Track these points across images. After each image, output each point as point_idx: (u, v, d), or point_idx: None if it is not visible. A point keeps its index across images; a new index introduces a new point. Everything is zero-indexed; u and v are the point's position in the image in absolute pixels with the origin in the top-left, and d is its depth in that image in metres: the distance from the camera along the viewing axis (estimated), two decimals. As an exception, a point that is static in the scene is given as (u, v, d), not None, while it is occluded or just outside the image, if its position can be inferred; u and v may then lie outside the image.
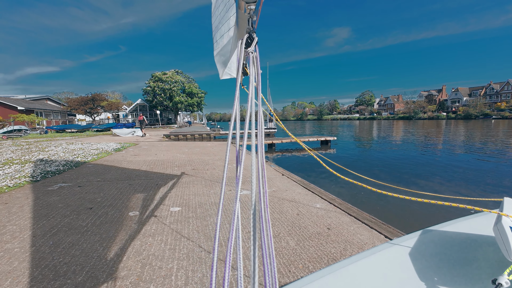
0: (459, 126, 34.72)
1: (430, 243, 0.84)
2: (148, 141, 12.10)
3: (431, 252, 0.80)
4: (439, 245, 0.83)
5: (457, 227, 0.92)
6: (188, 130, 20.52)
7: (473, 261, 0.74)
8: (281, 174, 4.64)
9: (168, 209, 2.67)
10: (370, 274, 0.73)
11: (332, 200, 3.26)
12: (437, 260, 0.76)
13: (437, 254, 0.79)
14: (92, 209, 2.61)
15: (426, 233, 0.91)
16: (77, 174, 4.19)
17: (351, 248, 2.00)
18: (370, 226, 2.45)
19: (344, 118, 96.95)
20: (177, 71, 41.46)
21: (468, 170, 7.38)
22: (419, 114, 71.56)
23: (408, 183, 6.10)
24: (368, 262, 0.77)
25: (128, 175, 4.25)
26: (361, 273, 0.73)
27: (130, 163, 5.42)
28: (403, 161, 9.06)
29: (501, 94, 61.78)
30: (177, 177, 4.17)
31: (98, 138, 13.66)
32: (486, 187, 5.58)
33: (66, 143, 9.51)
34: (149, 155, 6.86)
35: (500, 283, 0.57)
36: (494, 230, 0.72)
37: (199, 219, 2.44)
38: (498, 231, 0.69)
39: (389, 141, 16.49)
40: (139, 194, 3.17)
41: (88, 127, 23.55)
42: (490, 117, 56.84)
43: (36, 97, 37.36)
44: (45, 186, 3.42)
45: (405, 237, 0.91)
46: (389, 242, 0.87)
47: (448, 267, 0.73)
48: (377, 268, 0.75)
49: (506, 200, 0.89)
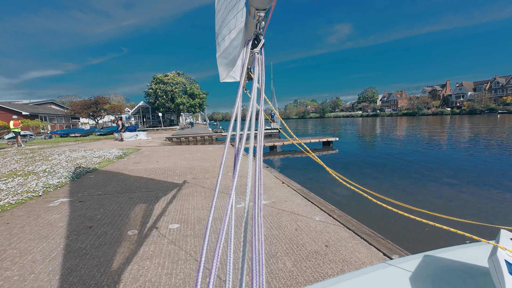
0: (464, 122, 34.27)
1: (426, 268, 0.85)
2: (150, 145, 12.18)
3: (426, 277, 0.80)
4: (434, 271, 0.83)
5: (453, 254, 0.93)
6: (190, 132, 20.61)
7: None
8: (281, 182, 4.63)
9: (166, 226, 2.69)
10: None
11: (332, 211, 3.24)
12: (431, 286, 0.76)
13: (431, 280, 0.79)
14: (92, 228, 2.63)
15: (423, 257, 0.91)
16: (79, 187, 4.24)
17: (348, 268, 1.98)
18: (369, 242, 2.43)
19: (347, 115, 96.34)
20: (179, 73, 41.60)
21: (474, 171, 7.28)
22: (423, 110, 70.80)
23: (410, 187, 6.05)
24: (362, 280, 0.78)
25: (128, 186, 4.28)
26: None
27: (131, 172, 5.46)
28: (407, 162, 8.97)
29: (506, 88, 60.77)
30: (177, 188, 4.19)
31: (101, 143, 13.78)
32: (493, 195, 5.51)
33: (70, 150, 9.61)
34: (151, 162, 6.90)
35: None
36: (489, 261, 0.72)
37: (197, 237, 2.45)
38: (492, 263, 0.70)
39: (392, 140, 16.35)
40: (138, 209, 3.19)
41: (92, 131, 23.77)
42: (496, 111, 55.96)
43: (40, 101, 37.84)
44: (47, 202, 3.46)
45: (401, 259, 0.92)
46: (386, 262, 0.89)
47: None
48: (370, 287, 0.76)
49: (503, 233, 0.90)
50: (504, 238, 0.84)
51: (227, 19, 1.42)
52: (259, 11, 0.74)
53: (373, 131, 25.60)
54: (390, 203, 2.34)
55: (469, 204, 4.75)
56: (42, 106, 35.81)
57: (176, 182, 4.59)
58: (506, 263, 0.68)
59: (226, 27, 1.48)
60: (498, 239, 0.82)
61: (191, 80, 43.02)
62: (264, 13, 0.75)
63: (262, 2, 0.70)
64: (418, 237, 3.59)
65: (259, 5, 0.71)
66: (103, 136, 20.78)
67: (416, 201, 5.15)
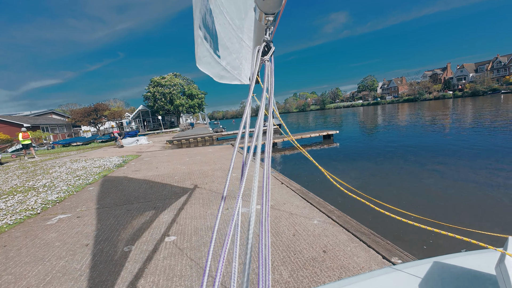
0: (466, 104, 33.76)
1: (432, 275, 0.83)
2: (150, 150, 12.20)
3: (431, 284, 0.79)
4: (440, 278, 0.82)
5: (460, 261, 0.90)
6: (191, 133, 20.61)
7: None
8: (280, 183, 4.58)
9: (163, 239, 2.66)
10: None
11: (331, 212, 3.19)
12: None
13: (436, 287, 0.78)
14: (88, 245, 2.62)
15: (428, 263, 0.90)
16: (77, 201, 4.24)
17: (346, 276, 1.94)
18: (368, 244, 2.38)
19: (348, 105, 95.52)
20: (176, 74, 41.49)
21: (479, 158, 7.16)
22: (424, 95, 69.88)
23: (413, 182, 5.96)
24: (366, 285, 0.77)
25: (127, 197, 4.27)
26: None
27: (130, 182, 5.46)
28: (409, 153, 8.85)
29: (509, 67, 59.57)
30: (176, 196, 4.16)
31: (102, 151, 13.84)
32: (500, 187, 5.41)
33: (71, 161, 9.66)
34: (150, 169, 6.89)
35: None
36: (496, 269, 0.71)
37: (194, 249, 2.42)
38: (500, 270, 0.69)
39: (394, 130, 16.16)
40: (136, 222, 3.17)
41: (93, 139, 23.90)
42: (499, 91, 55.01)
43: (41, 112, 38.08)
44: (45, 219, 3.47)
45: (407, 264, 0.91)
46: (391, 267, 0.89)
47: None
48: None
49: (511, 240, 0.87)
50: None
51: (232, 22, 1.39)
52: (268, 16, 0.75)
53: (374, 121, 25.35)
54: (390, 209, 2.28)
55: (477, 208, 4.66)
56: (42, 116, 36.04)
57: (175, 190, 4.56)
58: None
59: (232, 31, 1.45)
60: (506, 247, 0.80)
61: (188, 81, 42.91)
62: (272, 18, 0.76)
63: (271, 6, 0.72)
64: (419, 241, 3.53)
65: (268, 9, 0.73)
66: (104, 143, 20.88)
67: (416, 201, 5.08)
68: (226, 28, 1.44)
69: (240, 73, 1.88)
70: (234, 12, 1.33)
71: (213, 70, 1.92)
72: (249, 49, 1.54)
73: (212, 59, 1.77)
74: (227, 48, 1.63)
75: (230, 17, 1.36)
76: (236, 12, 1.32)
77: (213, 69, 1.89)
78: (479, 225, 3.66)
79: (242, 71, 1.86)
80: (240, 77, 1.96)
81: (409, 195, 5.02)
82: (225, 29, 1.45)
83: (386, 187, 5.59)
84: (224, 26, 1.43)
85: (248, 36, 1.45)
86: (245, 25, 1.37)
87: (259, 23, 0.81)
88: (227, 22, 1.39)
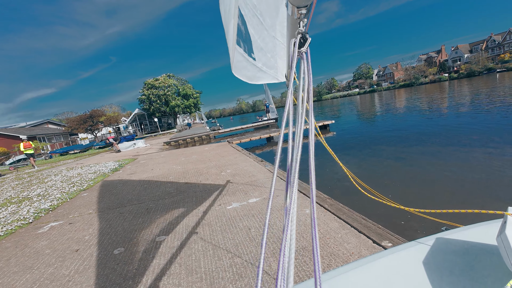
0: (463, 86, 33.62)
1: (432, 252, 0.83)
2: (147, 153, 12.15)
3: (432, 261, 0.79)
4: (441, 254, 0.82)
5: (460, 235, 0.90)
6: (188, 134, 20.53)
7: (476, 271, 0.74)
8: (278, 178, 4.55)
9: (154, 240, 2.64)
10: (369, 282, 0.73)
11: (323, 201, 3.17)
12: (439, 270, 0.76)
13: (439, 263, 0.78)
14: (78, 251, 2.59)
15: (428, 241, 0.89)
16: (70, 208, 4.21)
17: (336, 262, 1.92)
18: (359, 230, 2.36)
19: (344, 95, 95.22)
20: (169, 75, 41.17)
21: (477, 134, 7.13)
22: (420, 79, 69.60)
23: (409, 166, 5.94)
24: (367, 269, 0.78)
25: (120, 201, 4.24)
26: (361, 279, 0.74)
27: (125, 185, 5.42)
28: (406, 138, 8.82)
29: (503, 45, 59.20)
30: (169, 196, 4.13)
31: (99, 156, 13.79)
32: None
33: (67, 168, 9.61)
34: (145, 171, 6.86)
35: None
36: (497, 240, 0.71)
37: (184, 248, 2.40)
38: (501, 241, 0.69)
39: (390, 116, 16.11)
40: (127, 224, 3.14)
41: (90, 146, 23.81)
42: (495, 70, 54.80)
43: (37, 122, 37.86)
44: (36, 228, 3.44)
45: (406, 245, 0.89)
46: (390, 249, 0.88)
47: (451, 277, 0.73)
48: (376, 276, 0.76)
49: (511, 210, 0.86)
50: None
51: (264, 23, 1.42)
52: (300, 9, 0.73)
53: (371, 108, 25.27)
54: (387, 196, 2.25)
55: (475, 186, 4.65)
56: (39, 127, 35.86)
57: (169, 190, 4.53)
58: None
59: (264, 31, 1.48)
60: (506, 217, 0.79)
61: (182, 81, 42.62)
62: (305, 10, 0.74)
63: None
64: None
65: (300, 3, 0.71)
66: (101, 149, 20.81)
67: (412, 185, 5.07)
68: (259, 29, 1.46)
69: (276, 71, 1.92)
70: (266, 11, 1.35)
71: (248, 73, 1.94)
72: (283, 46, 1.58)
73: (247, 63, 1.79)
74: (261, 49, 1.66)
75: (263, 18, 1.39)
76: (268, 11, 1.35)
77: (249, 72, 1.91)
78: (481, 205, 3.64)
79: (278, 69, 1.90)
80: (277, 75, 2.00)
81: (405, 179, 5.00)
82: (258, 30, 1.48)
83: (381, 173, 5.57)
84: (257, 28, 1.46)
85: (281, 33, 1.48)
86: (277, 22, 1.41)
87: (292, 18, 0.79)
88: (259, 22, 1.42)
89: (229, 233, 2.59)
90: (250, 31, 1.51)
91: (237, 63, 1.82)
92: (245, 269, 1.94)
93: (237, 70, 1.94)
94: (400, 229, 3.21)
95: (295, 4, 0.72)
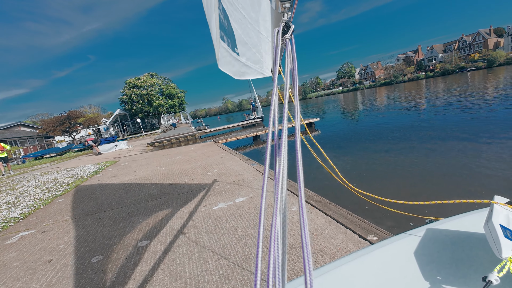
0: (438, 84, 35.46)
1: (422, 243, 0.84)
2: (129, 155, 11.69)
3: (423, 251, 0.81)
4: (431, 244, 0.84)
5: (449, 225, 0.92)
6: (173, 134, 20.00)
7: (465, 259, 0.76)
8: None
9: (135, 245, 2.50)
10: (361, 276, 0.74)
11: (310, 198, 3.17)
12: (430, 260, 0.77)
13: (429, 254, 0.79)
14: (52, 261, 2.40)
15: (418, 232, 0.90)
16: (44, 215, 3.92)
17: (323, 259, 1.91)
18: (345, 225, 2.37)
19: (328, 93, 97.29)
20: (152, 74, 39.92)
21: (452, 129, 7.51)
22: (400, 78, 72.62)
23: (394, 156, 6.14)
24: (359, 263, 0.78)
25: (100, 205, 4.01)
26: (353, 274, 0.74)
27: (105, 189, 5.15)
28: (387, 131, 9.13)
29: (473, 45, 63.16)
30: (152, 198, 3.97)
31: (78, 160, 13.09)
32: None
33: (41, 173, 9.01)
34: (127, 173, 6.57)
35: (490, 280, 0.59)
36: (484, 228, 0.73)
37: (168, 252, 2.29)
38: (488, 229, 0.71)
39: (372, 113, 16.64)
40: (107, 230, 2.97)
41: (68, 148, 22.55)
42: (466, 69, 58.34)
43: (7, 125, 35.18)
44: (5, 239, 3.16)
45: (397, 237, 0.90)
46: (381, 242, 0.88)
47: (440, 266, 0.74)
48: (367, 270, 0.76)
49: (497, 198, 0.91)
50: (498, 204, 0.84)
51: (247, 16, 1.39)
52: (284, 3, 0.74)
53: (354, 105, 25.98)
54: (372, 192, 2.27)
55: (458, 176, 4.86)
56: (9, 130, 33.43)
57: (152, 192, 4.36)
58: (501, 227, 0.69)
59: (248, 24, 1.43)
60: (492, 206, 0.83)
61: (166, 80, 41.47)
62: (289, 4, 0.75)
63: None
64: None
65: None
66: (80, 152, 19.78)
67: (395, 179, 5.23)
68: (242, 24, 1.43)
69: (261, 66, 1.89)
70: (249, 5, 1.32)
71: (233, 69, 1.88)
72: (267, 40, 1.56)
73: (231, 58, 1.74)
74: (245, 44, 1.62)
75: (246, 12, 1.35)
76: (251, 5, 1.32)
77: (233, 67, 1.85)
78: (465, 196, 3.80)
79: (264, 63, 1.86)
80: (262, 70, 1.97)
81: (391, 174, 5.16)
82: (241, 24, 1.44)
83: (364, 168, 5.71)
84: (240, 22, 1.42)
85: (264, 27, 1.46)
86: (261, 16, 1.38)
87: (276, 12, 0.79)
88: (242, 17, 1.38)
89: (215, 234, 2.52)
90: (233, 26, 1.47)
91: (222, 58, 1.77)
92: (231, 271, 1.88)
93: (222, 65, 1.89)
94: (388, 221, 3.29)
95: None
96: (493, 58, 53.95)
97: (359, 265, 0.78)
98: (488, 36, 60.11)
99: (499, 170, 4.40)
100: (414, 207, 2.07)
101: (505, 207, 0.83)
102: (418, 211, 3.24)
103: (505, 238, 0.66)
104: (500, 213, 0.78)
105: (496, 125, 7.38)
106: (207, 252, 2.20)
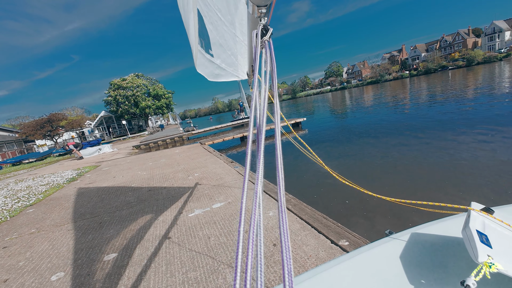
0: (421, 82, 36.62)
1: (404, 247, 0.85)
2: (112, 159, 11.31)
3: (404, 255, 0.81)
4: (413, 248, 0.84)
5: (429, 230, 0.93)
6: (160, 136, 19.56)
7: (443, 264, 0.77)
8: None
9: (101, 259, 2.37)
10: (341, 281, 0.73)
11: (288, 201, 3.13)
12: (411, 264, 0.77)
13: (411, 257, 0.80)
14: (7, 281, 2.23)
15: (401, 236, 0.90)
16: (9, 228, 3.68)
17: (293, 268, 1.86)
18: (319, 230, 2.34)
19: (317, 92, 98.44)
20: (138, 75, 38.97)
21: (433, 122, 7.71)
22: (385, 77, 74.47)
23: (379, 152, 6.22)
24: (341, 268, 0.78)
25: (71, 215, 3.81)
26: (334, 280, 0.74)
27: (80, 197, 4.92)
28: (373, 129, 9.28)
29: (453, 45, 65.67)
30: (128, 206, 3.81)
31: (58, 165, 12.53)
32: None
33: (15, 181, 8.55)
34: (107, 179, 6.32)
35: (468, 285, 0.60)
36: (462, 233, 0.75)
37: (134, 266, 2.17)
38: (466, 234, 0.73)
39: (359, 111, 16.93)
40: (74, 243, 2.81)
41: (49, 153, 21.58)
42: (447, 68, 60.56)
43: (-18, 129, 33.34)
44: (-40, 256, 2.92)
45: (379, 241, 0.90)
46: (363, 247, 0.88)
47: (423, 270, 0.75)
48: (348, 275, 0.75)
49: (474, 205, 0.92)
50: (475, 210, 0.86)
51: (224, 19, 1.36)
52: (260, 8, 0.74)
53: (342, 104, 26.38)
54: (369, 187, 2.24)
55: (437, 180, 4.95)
56: (-15, 134, 31.66)
57: (128, 200, 4.19)
58: (478, 233, 0.71)
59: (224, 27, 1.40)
60: (470, 212, 0.84)
61: (153, 80, 40.61)
62: (265, 9, 0.75)
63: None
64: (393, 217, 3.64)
65: (260, 2, 0.72)
66: (61, 157, 19.00)
67: (379, 177, 5.29)
68: (218, 26, 1.41)
69: (236, 69, 1.87)
70: (225, 7, 1.30)
71: (206, 70, 1.85)
72: (244, 44, 1.55)
73: (205, 59, 1.71)
74: (220, 46, 1.60)
75: (221, 14, 1.33)
76: (227, 8, 1.30)
77: (207, 69, 1.82)
78: (444, 199, 3.86)
79: (239, 66, 1.84)
80: (237, 73, 1.94)
81: (372, 171, 5.21)
82: (217, 27, 1.42)
83: (350, 164, 5.76)
84: (216, 24, 1.40)
85: (241, 31, 1.45)
86: (237, 20, 1.37)
87: (252, 16, 0.79)
88: (218, 19, 1.36)
89: (187, 243, 2.42)
90: (208, 27, 1.44)
91: (197, 60, 1.73)
92: (198, 285, 1.80)
93: (198, 66, 1.83)
94: (368, 216, 3.29)
95: (255, 3, 0.72)
96: (471, 57, 56.30)
97: (341, 271, 0.77)
98: (467, 36, 62.68)
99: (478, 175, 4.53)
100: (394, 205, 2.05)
101: (481, 213, 0.85)
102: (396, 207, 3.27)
103: (481, 243, 0.67)
104: (477, 219, 0.80)
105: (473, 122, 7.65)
106: (175, 264, 2.10)
